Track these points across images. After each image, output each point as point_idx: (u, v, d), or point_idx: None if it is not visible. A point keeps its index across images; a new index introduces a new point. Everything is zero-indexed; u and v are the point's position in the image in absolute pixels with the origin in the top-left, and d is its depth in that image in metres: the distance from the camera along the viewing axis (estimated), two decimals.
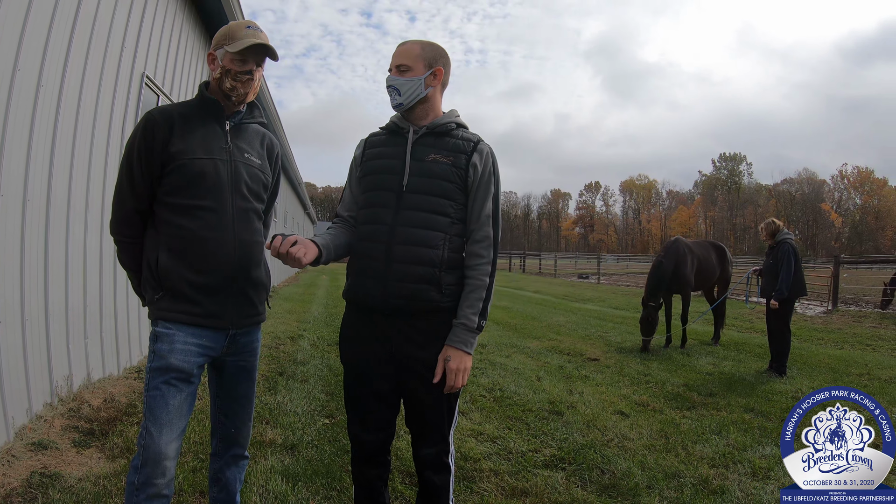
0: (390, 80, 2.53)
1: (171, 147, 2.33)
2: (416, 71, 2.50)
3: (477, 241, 2.51)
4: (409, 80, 2.49)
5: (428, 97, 2.55)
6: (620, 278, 33.15)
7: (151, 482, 2.24)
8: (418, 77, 2.50)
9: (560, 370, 7.55)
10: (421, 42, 2.56)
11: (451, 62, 2.63)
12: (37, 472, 3.46)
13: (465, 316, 2.46)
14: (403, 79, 2.50)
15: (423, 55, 2.52)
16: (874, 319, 13.69)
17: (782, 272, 7.61)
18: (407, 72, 2.50)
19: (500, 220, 2.58)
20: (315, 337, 9.20)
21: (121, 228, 2.43)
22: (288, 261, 2.21)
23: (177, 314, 2.33)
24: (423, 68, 2.51)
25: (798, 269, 7.66)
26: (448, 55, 2.61)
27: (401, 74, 2.51)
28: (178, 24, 7.03)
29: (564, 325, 12.35)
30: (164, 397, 2.27)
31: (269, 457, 3.99)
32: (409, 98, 2.51)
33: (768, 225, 8.13)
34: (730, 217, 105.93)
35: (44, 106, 4.21)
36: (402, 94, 2.50)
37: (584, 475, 4.01)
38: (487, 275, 2.50)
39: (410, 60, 2.50)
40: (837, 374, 7.75)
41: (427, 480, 2.57)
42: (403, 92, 2.50)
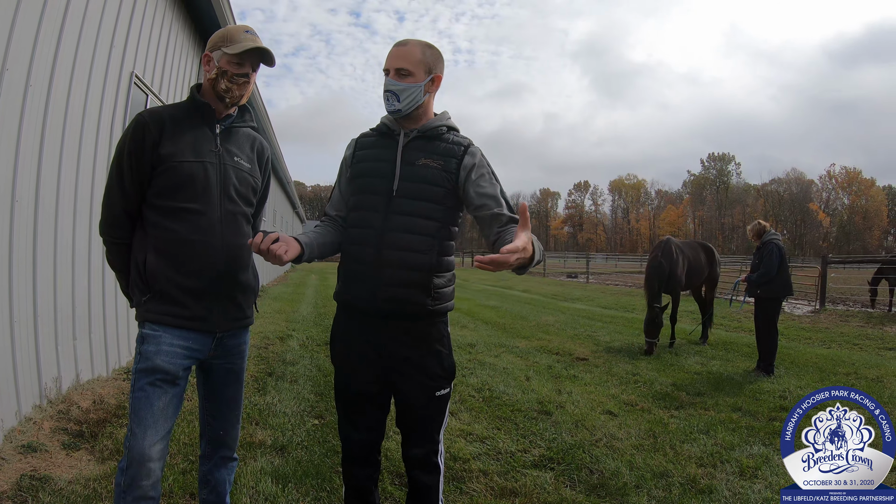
0: (390, 85, 2.43)
1: (160, 149, 2.33)
2: (417, 77, 2.43)
3: (510, 221, 2.41)
4: (410, 86, 2.42)
5: (424, 103, 2.50)
6: (609, 277, 33.27)
7: (137, 484, 2.24)
8: (419, 84, 2.43)
9: (549, 370, 7.58)
10: (422, 45, 2.48)
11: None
12: (26, 474, 3.44)
13: (535, 243, 2.12)
14: (404, 84, 2.42)
15: (425, 60, 2.45)
16: (861, 319, 13.79)
17: (762, 266, 7.72)
18: (407, 77, 2.42)
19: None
20: (304, 337, 9.19)
21: (110, 230, 2.43)
22: (269, 258, 2.19)
23: (164, 316, 2.33)
24: (423, 74, 2.45)
25: (784, 270, 7.73)
26: (443, 57, 2.56)
27: (401, 79, 2.42)
28: (167, 23, 6.99)
29: (553, 324, 12.38)
30: (149, 399, 2.27)
31: (258, 458, 3.98)
32: (408, 105, 2.44)
33: (755, 226, 8.24)
34: (718, 217, 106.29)
35: (32, 106, 4.18)
36: (401, 100, 2.43)
37: (573, 475, 4.03)
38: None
39: (412, 65, 2.42)
40: (825, 374, 7.80)
41: (416, 481, 2.57)
42: (403, 98, 2.43)
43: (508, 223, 2.42)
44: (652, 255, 9.78)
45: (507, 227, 2.40)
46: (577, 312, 14.94)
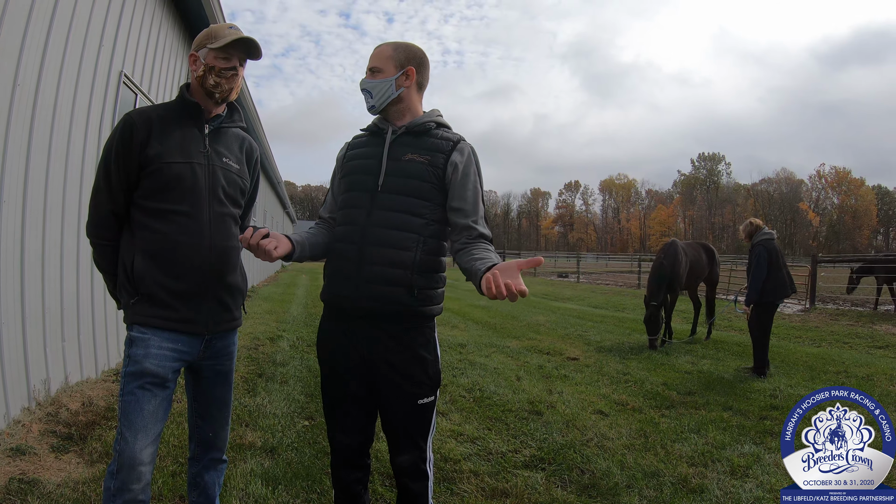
0: (363, 84, 2.53)
1: (148, 150, 2.31)
2: (387, 72, 2.48)
3: (480, 236, 2.43)
4: (380, 81, 2.48)
5: (401, 97, 2.51)
6: (600, 277, 33.38)
7: (127, 487, 2.23)
8: (388, 79, 2.47)
9: (540, 370, 7.58)
10: (394, 43, 2.54)
11: (428, 62, 2.59)
12: (15, 478, 3.41)
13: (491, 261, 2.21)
14: (374, 81, 2.49)
15: (395, 56, 2.49)
16: (851, 317, 13.86)
17: (752, 277, 7.53)
18: (377, 73, 2.49)
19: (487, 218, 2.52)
20: (294, 338, 9.15)
21: (97, 231, 2.41)
22: (258, 253, 2.19)
23: (152, 319, 2.31)
24: (393, 69, 2.48)
25: (774, 272, 7.49)
26: (423, 55, 2.56)
27: (372, 76, 2.50)
28: (156, 22, 6.95)
29: (544, 324, 12.41)
30: (139, 402, 2.26)
31: (248, 460, 3.96)
32: (380, 100, 2.49)
33: (746, 226, 8.03)
34: (708, 216, 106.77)
35: (20, 105, 4.14)
36: (373, 96, 2.50)
37: (564, 475, 4.04)
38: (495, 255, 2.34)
39: (381, 62, 2.49)
40: (815, 373, 7.85)
41: (404, 487, 2.54)
42: (375, 94, 2.49)
43: (478, 238, 2.42)
44: (657, 257, 10.00)
45: (475, 242, 2.40)
46: (567, 312, 14.99)
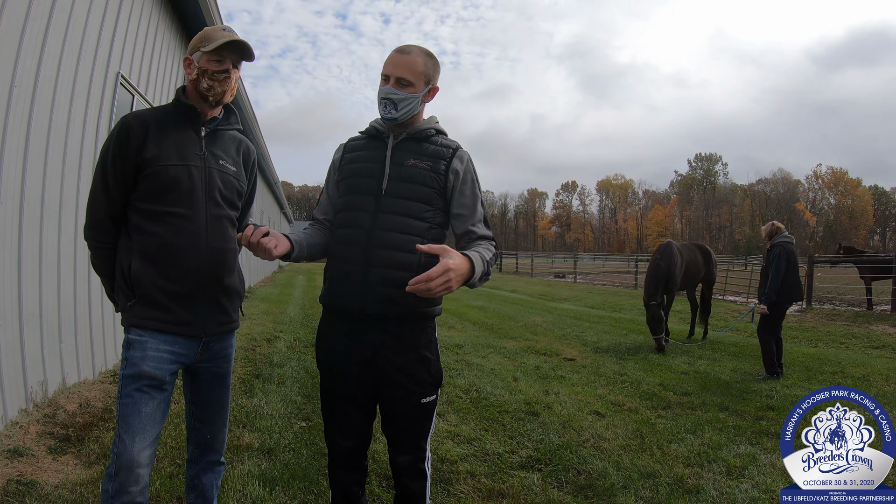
0: (390, 93, 2.43)
1: (145, 152, 2.32)
2: (417, 88, 2.44)
3: (481, 238, 2.50)
4: (409, 96, 2.43)
5: (419, 111, 2.53)
6: (597, 277, 33.38)
7: (125, 490, 2.24)
8: (417, 94, 2.44)
9: (536, 370, 7.60)
10: (424, 55, 2.49)
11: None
12: (13, 479, 3.41)
13: (480, 252, 2.33)
14: (403, 94, 2.42)
15: (426, 72, 2.46)
16: (848, 318, 13.88)
17: (770, 276, 7.61)
18: (407, 87, 2.43)
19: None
20: (291, 338, 9.15)
21: (94, 233, 2.41)
22: (258, 251, 2.20)
23: (149, 321, 2.32)
24: (423, 85, 2.46)
25: (790, 274, 7.62)
26: (440, 68, 2.57)
27: (401, 88, 2.42)
28: (154, 24, 6.95)
29: (541, 324, 12.42)
30: (137, 405, 2.26)
31: (246, 461, 3.97)
32: (404, 114, 2.45)
33: (768, 227, 8.14)
34: (705, 216, 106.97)
35: (17, 106, 4.14)
36: (398, 108, 2.43)
37: (561, 476, 4.05)
38: (493, 254, 2.41)
39: (413, 76, 2.43)
40: (811, 373, 7.88)
41: (403, 487, 2.56)
42: (401, 108, 2.43)
43: (479, 240, 2.48)
44: (653, 258, 10.06)
45: (475, 243, 2.46)
46: (564, 313, 15.00)
